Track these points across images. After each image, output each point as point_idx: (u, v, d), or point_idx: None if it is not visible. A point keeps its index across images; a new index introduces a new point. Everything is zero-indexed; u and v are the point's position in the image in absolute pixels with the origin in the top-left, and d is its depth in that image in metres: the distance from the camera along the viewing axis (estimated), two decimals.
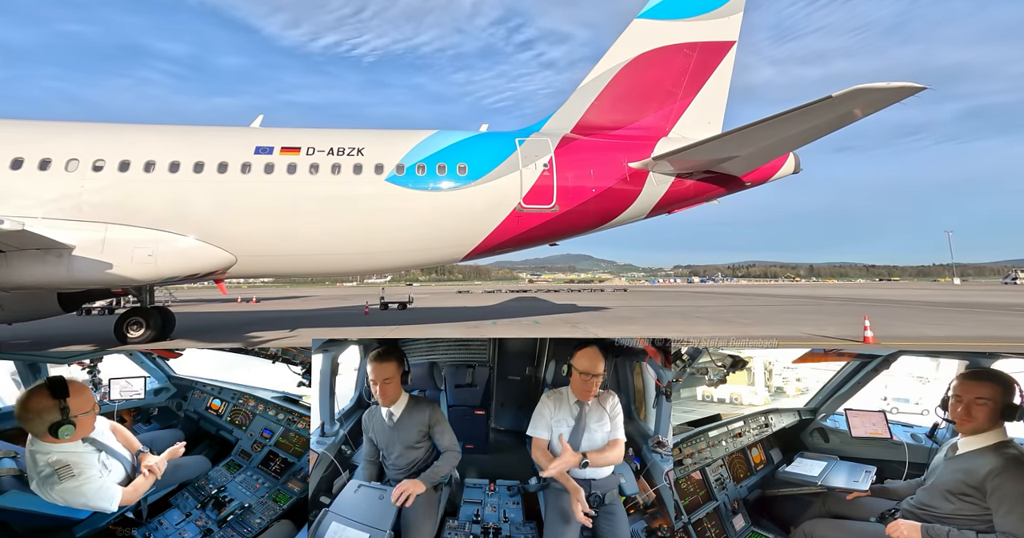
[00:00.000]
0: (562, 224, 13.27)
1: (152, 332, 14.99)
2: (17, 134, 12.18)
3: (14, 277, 10.83)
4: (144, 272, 11.43)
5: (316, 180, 12.27)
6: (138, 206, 11.63)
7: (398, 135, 13.60)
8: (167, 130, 13.30)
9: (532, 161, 13.06)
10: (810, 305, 27.78)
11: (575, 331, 15.91)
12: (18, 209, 11.07)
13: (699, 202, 14.57)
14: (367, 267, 13.90)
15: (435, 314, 25.55)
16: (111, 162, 11.77)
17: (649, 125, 14.22)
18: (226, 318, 24.49)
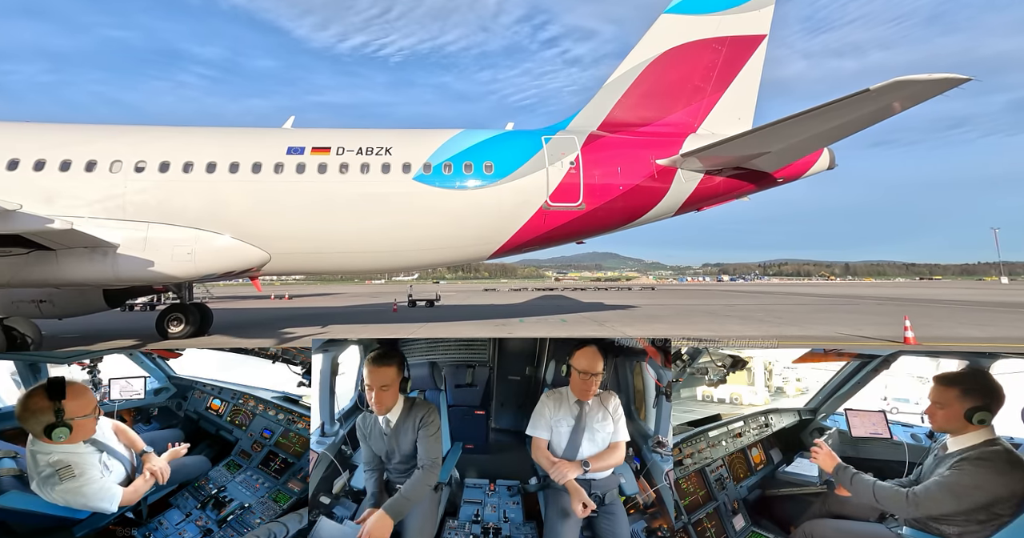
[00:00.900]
0: (589, 222, 13.23)
1: (191, 328, 15.82)
2: (65, 137, 12.62)
3: (64, 274, 11.23)
4: (183, 270, 11.83)
5: (346, 179, 12.51)
6: (177, 206, 12.02)
7: (425, 134, 13.70)
8: (203, 132, 13.68)
9: (558, 159, 13.03)
10: (846, 304, 27.08)
11: (602, 329, 15.84)
12: (66, 209, 11.45)
13: (729, 199, 14.34)
14: (395, 265, 14.14)
15: (462, 312, 25.57)
16: (152, 163, 12.18)
17: (677, 121, 14.03)
18: (261, 314, 24.84)
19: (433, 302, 31.62)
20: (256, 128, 14.27)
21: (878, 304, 26.86)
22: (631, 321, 18.37)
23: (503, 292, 59.13)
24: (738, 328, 15.56)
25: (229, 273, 12.85)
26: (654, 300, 34.67)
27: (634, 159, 13.26)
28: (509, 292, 58.30)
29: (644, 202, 13.38)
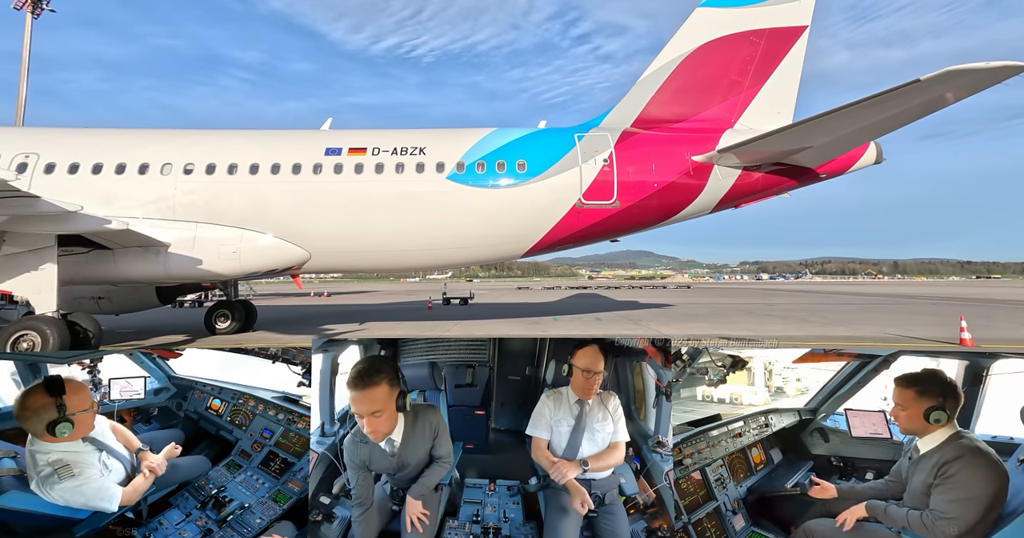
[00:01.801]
0: (623, 220, 13.16)
1: (237, 324, 16.54)
2: (120, 142, 13.32)
3: (120, 272, 11.94)
4: (229, 267, 12.39)
5: (381, 179, 12.75)
6: (223, 206, 12.52)
7: (458, 134, 13.83)
8: (246, 134, 14.20)
9: (592, 156, 12.96)
10: (895, 304, 26.27)
11: (637, 328, 15.69)
12: (122, 210, 12.02)
13: (768, 196, 14.07)
14: (430, 263, 14.48)
15: (496, 310, 25.64)
16: (199, 165, 12.69)
17: (713, 117, 13.78)
18: (301, 311, 25.50)
19: (467, 300, 31.96)
20: (295, 130, 14.73)
21: (931, 304, 25.95)
22: (667, 320, 18.08)
23: (536, 290, 58.89)
24: (779, 328, 15.15)
25: (272, 271, 13.32)
26: (690, 299, 34.09)
27: (669, 156, 13.11)
28: (542, 290, 58.02)
29: (679, 199, 13.23)
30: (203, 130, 14.52)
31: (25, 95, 35.02)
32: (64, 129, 14.38)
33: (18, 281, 10.34)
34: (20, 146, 12.78)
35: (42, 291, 10.35)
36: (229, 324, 16.50)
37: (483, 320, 19.45)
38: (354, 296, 45.96)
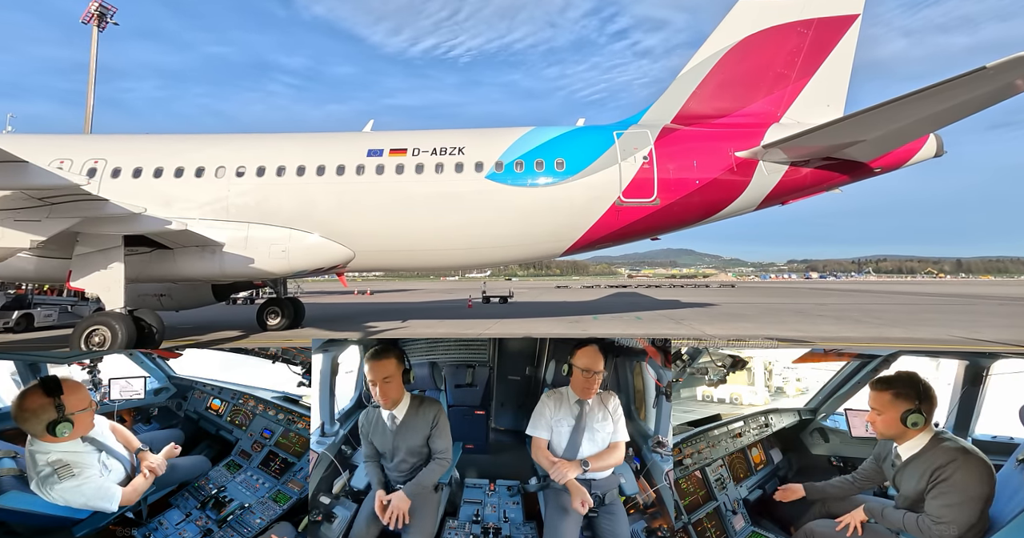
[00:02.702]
0: (664, 218, 12.97)
1: (286, 320, 17.04)
2: (177, 146, 13.89)
3: (180, 270, 12.51)
4: (279, 266, 12.79)
5: (422, 179, 12.93)
6: (273, 207, 12.92)
7: (496, 133, 13.85)
8: (293, 137, 14.57)
9: (631, 154, 12.80)
10: (960, 304, 24.81)
11: (678, 327, 15.41)
12: (181, 212, 12.53)
13: (818, 192, 13.55)
14: (470, 261, 14.57)
15: (535, 308, 25.57)
16: (251, 168, 13.15)
17: (758, 111, 13.37)
18: (346, 309, 25.85)
19: (506, 299, 32.04)
20: (339, 132, 15.14)
21: (999, 304, 24.57)
22: (711, 319, 17.65)
23: (575, 289, 58.21)
24: (832, 329, 14.43)
25: (319, 269, 13.68)
26: (735, 298, 33.26)
27: (711, 152, 12.82)
28: (581, 289, 57.35)
29: (723, 196, 12.95)
30: (253, 134, 15.12)
31: (92, 104, 37.19)
32: (127, 135, 15.36)
33: (89, 279, 10.91)
34: (90, 152, 13.46)
35: (111, 288, 10.91)
36: (279, 321, 17.06)
37: (523, 319, 19.34)
38: (395, 294, 46.16)
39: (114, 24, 38.70)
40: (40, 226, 9.86)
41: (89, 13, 37.39)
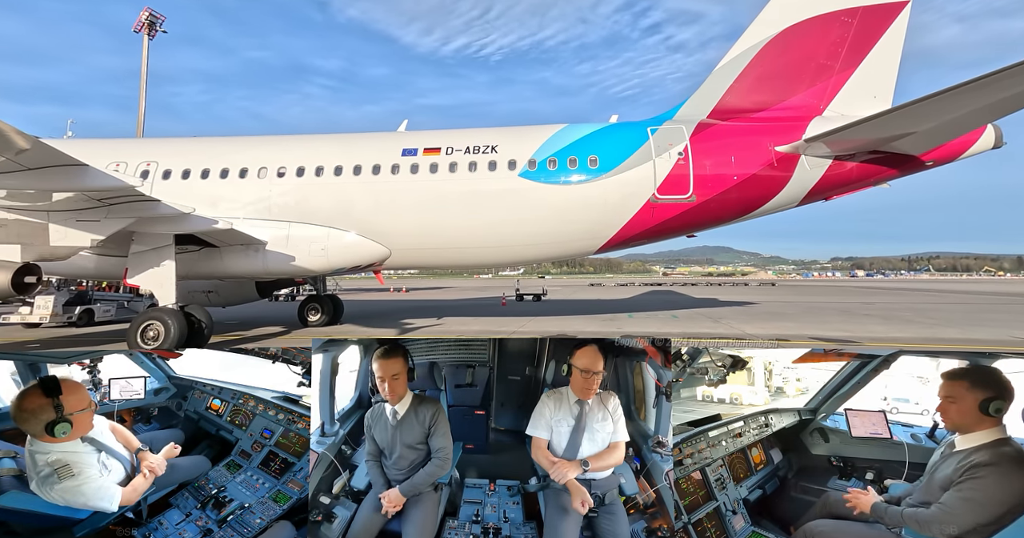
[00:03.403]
0: (700, 215, 12.79)
1: (326, 317, 17.51)
2: (222, 148, 14.43)
3: (226, 268, 13.03)
4: (318, 264, 13.13)
5: (455, 178, 13.07)
6: (312, 206, 13.28)
7: (529, 131, 13.88)
8: (330, 138, 14.95)
9: (666, 150, 12.67)
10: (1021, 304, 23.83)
11: (716, 326, 15.07)
12: (226, 211, 13.02)
13: (864, 187, 13.11)
14: (503, 259, 14.63)
15: (569, 306, 25.50)
16: (291, 169, 13.57)
17: (799, 104, 13.00)
18: (383, 306, 26.17)
19: (540, 297, 32.02)
20: (374, 132, 15.37)
21: None
22: (750, 318, 17.31)
23: (609, 287, 57.54)
24: (880, 329, 13.90)
25: (356, 267, 14.04)
26: (775, 297, 32.50)
27: (749, 147, 12.57)
28: (615, 287, 56.69)
29: (762, 192, 12.68)
30: (293, 135, 15.40)
31: (143, 109, 38.76)
32: (176, 139, 15.96)
33: (144, 276, 11.48)
34: (142, 155, 14.09)
35: (163, 285, 11.43)
36: (319, 317, 17.50)
37: (557, 317, 19.26)
38: (430, 292, 46.16)
39: (163, 32, 40.36)
40: (99, 226, 10.42)
41: (140, 22, 39.09)
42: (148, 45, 39.24)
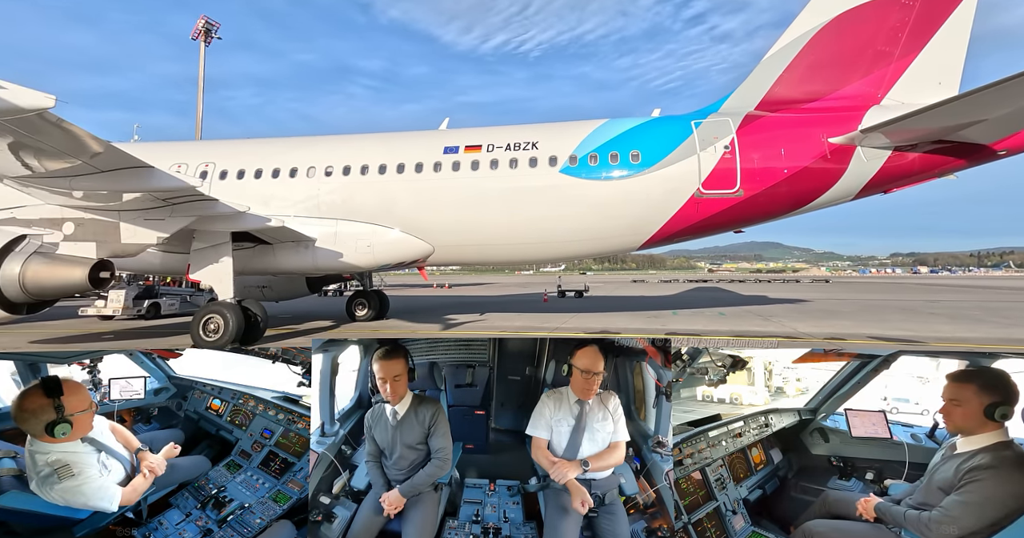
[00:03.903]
0: (748, 209, 12.48)
1: (373, 312, 17.98)
2: (273, 149, 14.94)
3: (279, 264, 13.54)
4: (365, 260, 13.53)
5: (496, 175, 13.15)
6: (358, 204, 13.61)
7: (570, 127, 13.84)
8: (373, 137, 15.33)
9: (711, 144, 12.37)
10: None
11: (767, 324, 14.62)
12: (278, 209, 13.41)
13: (927, 178, 12.50)
14: (544, 256, 14.62)
15: (612, 303, 25.33)
16: (337, 168, 13.90)
17: (855, 93, 12.41)
18: (426, 301, 26.26)
19: (582, 293, 31.89)
20: (417, 131, 15.63)
21: None
22: (802, 316, 16.69)
23: (652, 283, 56.77)
24: (947, 328, 13.19)
25: (401, 263, 14.36)
26: (829, 294, 31.26)
27: (801, 139, 12.16)
28: (659, 284, 55.87)
29: (814, 186, 12.23)
30: (338, 135, 15.90)
31: (201, 112, 40.76)
32: (231, 140, 16.75)
33: (204, 272, 12.03)
34: (201, 157, 14.66)
35: (222, 280, 11.91)
36: (366, 312, 17.93)
37: (599, 313, 19.08)
38: (472, 288, 46.23)
39: (217, 38, 42.32)
40: (164, 224, 11.05)
41: (197, 30, 41.06)
42: (204, 52, 41.11)
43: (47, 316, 17.00)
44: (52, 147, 8.30)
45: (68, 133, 8.05)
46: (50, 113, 7.25)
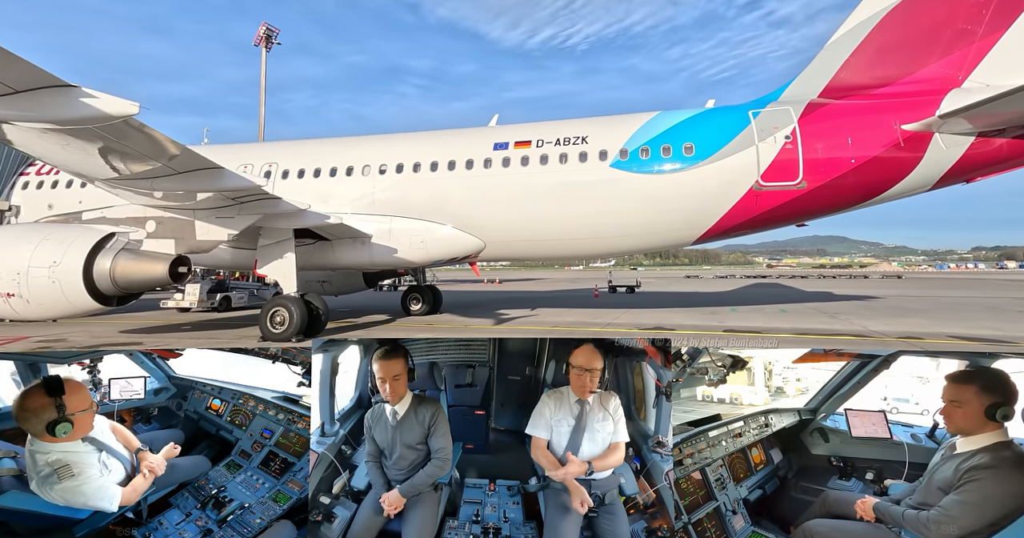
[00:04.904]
0: (812, 202, 12.01)
1: (427, 306, 18.45)
2: (330, 149, 15.47)
3: (338, 259, 14.02)
4: (418, 256, 13.84)
5: (546, 170, 13.21)
6: (410, 201, 13.92)
7: (620, 120, 13.73)
8: (424, 135, 15.74)
9: (770, 134, 11.98)
10: None
11: (833, 321, 14.01)
12: (336, 207, 13.82)
13: (1016, 166, 11.68)
14: (595, 251, 14.86)
15: (665, 298, 24.80)
16: (391, 166, 14.27)
17: (931, 76, 11.64)
18: (477, 297, 26.58)
19: (633, 288, 31.73)
20: (467, 128, 15.82)
21: None
22: (873, 314, 15.74)
23: (707, 279, 54.75)
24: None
25: (453, 259, 14.62)
26: (902, 291, 29.08)
27: (870, 126, 11.59)
28: (714, 279, 53.79)
29: (886, 176, 11.62)
30: (391, 134, 16.45)
31: (263, 115, 42.66)
32: (291, 141, 17.51)
33: (270, 267, 12.57)
34: (265, 157, 15.34)
35: (286, 275, 12.37)
36: (420, 306, 18.39)
37: (652, 309, 18.74)
38: (522, 283, 45.87)
39: (277, 44, 44.39)
40: (234, 222, 11.56)
41: (259, 36, 43.08)
42: (266, 57, 43.02)
43: (133, 308, 17.65)
44: (135, 151, 8.82)
45: (149, 137, 8.56)
46: (134, 119, 7.70)
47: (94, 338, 12.38)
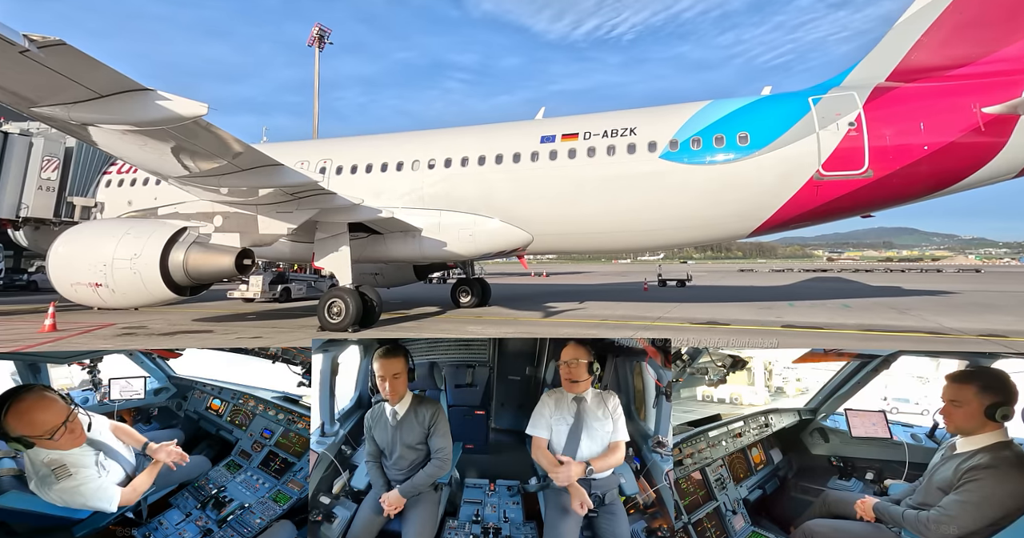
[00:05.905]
0: (878, 192, 11.40)
1: (476, 299, 18.79)
2: (380, 144, 15.98)
3: (389, 252, 14.34)
4: (467, 249, 14.03)
5: (594, 163, 13.09)
6: (459, 194, 14.12)
7: (670, 110, 13.49)
8: (471, 130, 15.76)
9: (832, 121, 11.40)
10: None
11: (903, 317, 13.30)
12: (387, 201, 14.16)
13: None
14: (644, 244, 14.68)
15: (718, 292, 24.28)
16: (439, 161, 14.47)
17: (1016, 55, 10.94)
18: (525, 290, 26.50)
19: (684, 282, 31.24)
20: (514, 122, 16.02)
21: None
22: (948, 309, 14.78)
23: (762, 273, 53.28)
24: None
25: (501, 252, 14.86)
26: (980, 285, 27.53)
27: (946, 110, 10.95)
28: (770, 273, 52.13)
29: (964, 164, 10.95)
30: (438, 129, 16.74)
31: (317, 113, 43.43)
32: (343, 138, 17.81)
33: (327, 260, 12.97)
34: (320, 154, 15.90)
35: (342, 267, 12.74)
36: (470, 299, 18.71)
37: (705, 303, 18.34)
38: (570, 276, 45.18)
39: (329, 44, 45.34)
40: (292, 216, 12.02)
41: (312, 37, 43.89)
42: (319, 56, 43.85)
43: (204, 298, 18.43)
44: (204, 149, 9.24)
45: (216, 136, 8.98)
46: (203, 119, 8.05)
47: (171, 325, 13.12)
